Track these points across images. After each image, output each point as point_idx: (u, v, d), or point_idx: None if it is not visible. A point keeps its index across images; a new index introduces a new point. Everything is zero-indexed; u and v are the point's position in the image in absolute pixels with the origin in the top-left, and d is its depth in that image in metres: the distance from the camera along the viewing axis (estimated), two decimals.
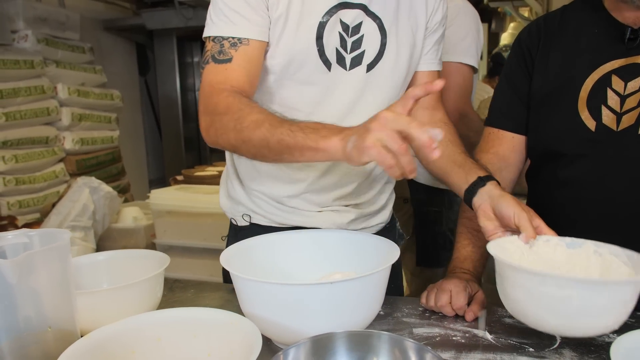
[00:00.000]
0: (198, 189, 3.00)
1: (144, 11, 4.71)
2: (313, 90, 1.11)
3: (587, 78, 1.07)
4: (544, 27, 1.17)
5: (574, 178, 1.09)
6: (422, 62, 1.23)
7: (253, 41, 1.06)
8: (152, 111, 5.49)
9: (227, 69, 1.05)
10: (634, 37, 1.03)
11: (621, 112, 1.03)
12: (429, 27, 1.21)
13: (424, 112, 1.24)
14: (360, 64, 1.12)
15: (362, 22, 1.11)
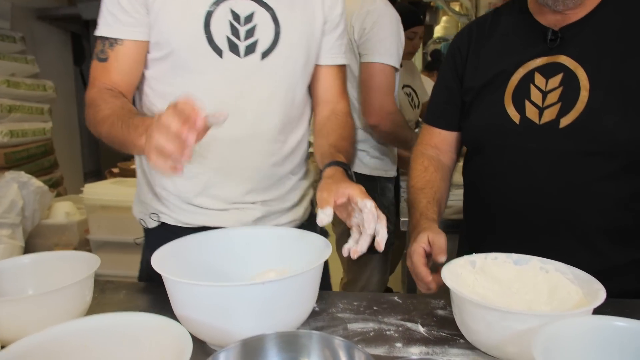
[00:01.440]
0: (133, 182, 2.91)
1: (80, 1, 4.52)
2: (206, 78, 1.14)
3: (513, 74, 1.14)
4: (475, 30, 1.26)
5: (501, 169, 1.16)
6: (327, 57, 1.28)
7: (127, 41, 1.14)
8: None
9: (104, 67, 1.16)
10: (554, 38, 1.11)
11: (543, 106, 1.10)
12: (329, 20, 1.25)
13: (325, 105, 1.30)
14: (254, 52, 1.15)
15: (255, 12, 1.15)
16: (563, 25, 1.11)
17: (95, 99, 1.12)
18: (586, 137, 1.05)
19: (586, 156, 1.06)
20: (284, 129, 1.22)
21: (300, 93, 1.24)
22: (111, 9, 1.13)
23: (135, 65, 1.17)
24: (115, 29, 1.14)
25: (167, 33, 1.13)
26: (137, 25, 1.14)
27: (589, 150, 1.05)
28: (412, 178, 1.27)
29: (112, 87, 1.15)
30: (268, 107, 1.18)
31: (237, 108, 1.15)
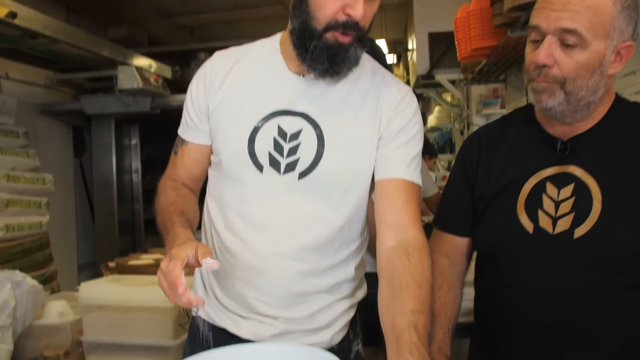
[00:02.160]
0: (132, 280, 2.86)
1: (84, 97, 4.66)
2: (244, 189, 1.19)
3: (524, 184, 1.14)
4: (485, 138, 1.27)
5: (514, 279, 1.14)
6: (381, 171, 1.19)
7: (191, 144, 1.29)
8: (86, 193, 5.32)
9: (175, 161, 1.33)
10: (564, 148, 1.13)
11: (556, 216, 1.09)
12: (384, 136, 1.19)
13: (389, 230, 1.16)
14: (293, 170, 1.16)
15: (302, 130, 1.16)
16: (572, 135, 1.13)
17: (160, 189, 1.29)
18: (601, 249, 1.05)
19: (602, 268, 1.05)
20: (317, 250, 1.18)
21: (342, 217, 1.19)
22: (184, 112, 1.29)
23: (197, 165, 1.31)
24: (184, 132, 1.30)
25: (219, 142, 1.22)
26: (199, 131, 1.27)
27: (605, 261, 1.05)
28: None
29: (177, 178, 1.31)
30: (299, 226, 1.17)
31: (268, 223, 1.18)
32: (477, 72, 2.88)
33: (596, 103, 1.11)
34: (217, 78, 1.22)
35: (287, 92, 1.19)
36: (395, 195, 1.17)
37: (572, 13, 1.02)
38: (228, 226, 1.21)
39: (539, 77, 1.08)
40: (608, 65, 1.06)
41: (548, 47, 1.05)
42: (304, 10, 1.10)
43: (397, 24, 5.87)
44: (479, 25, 2.51)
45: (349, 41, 1.10)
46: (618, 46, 1.06)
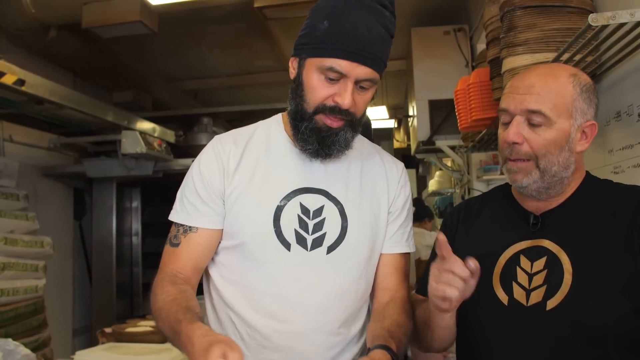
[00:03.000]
0: (129, 348, 2.79)
1: (87, 160, 4.70)
2: (273, 269, 1.18)
3: (500, 256, 1.19)
4: (464, 210, 1.34)
5: (488, 349, 1.16)
6: (388, 246, 1.31)
7: (202, 230, 1.22)
8: (84, 255, 5.27)
9: (175, 252, 1.23)
10: (536, 222, 1.18)
11: (529, 288, 1.13)
12: (392, 211, 1.30)
13: (385, 292, 1.30)
14: (321, 245, 1.19)
15: (324, 206, 1.21)
16: (544, 210, 1.19)
17: (156, 286, 1.19)
18: (573, 320, 1.07)
19: (574, 340, 1.06)
20: (347, 321, 1.23)
21: (363, 285, 1.26)
22: (190, 198, 1.23)
23: (205, 253, 1.24)
24: (193, 218, 1.22)
25: (239, 225, 1.20)
26: (213, 215, 1.22)
27: (576, 333, 1.06)
28: None
29: (179, 272, 1.21)
30: (332, 301, 1.20)
31: (301, 300, 1.18)
32: (477, 140, 2.92)
33: (569, 179, 1.17)
34: (231, 161, 1.23)
35: (303, 170, 1.23)
36: (394, 267, 1.32)
37: (536, 96, 1.11)
38: (257, 309, 1.19)
39: (511, 155, 1.16)
40: (575, 142, 1.14)
41: (517, 126, 1.13)
42: (300, 93, 1.18)
43: (398, 90, 6.00)
44: (479, 97, 2.55)
45: (338, 126, 1.16)
46: (582, 125, 1.14)
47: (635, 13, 1.31)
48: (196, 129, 5.28)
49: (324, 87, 1.14)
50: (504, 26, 1.86)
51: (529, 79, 1.14)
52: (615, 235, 1.10)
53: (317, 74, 1.14)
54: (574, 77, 1.14)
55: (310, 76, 1.15)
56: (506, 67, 1.87)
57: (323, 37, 1.13)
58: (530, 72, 1.17)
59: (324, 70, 1.13)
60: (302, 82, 1.17)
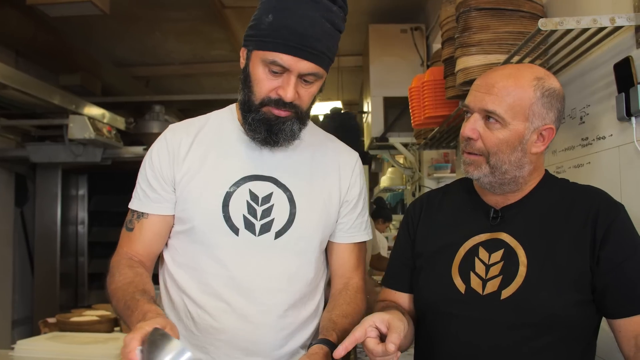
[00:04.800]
0: (74, 337, 2.72)
1: (30, 144, 4.53)
2: (222, 253, 1.22)
3: (460, 247, 1.24)
4: (426, 203, 1.38)
5: (446, 335, 1.20)
6: (345, 236, 1.36)
7: (152, 215, 1.27)
8: (26, 244, 5.09)
9: (129, 236, 1.29)
10: (496, 216, 1.23)
11: (486, 278, 1.18)
12: (348, 200, 1.34)
13: (340, 279, 1.36)
14: (269, 231, 1.23)
15: (273, 193, 1.24)
16: (503, 205, 1.24)
17: (112, 267, 1.24)
18: (524, 309, 1.13)
19: (524, 327, 1.13)
20: (296, 304, 1.26)
21: (312, 270, 1.30)
22: (142, 185, 1.29)
23: (157, 237, 1.29)
24: (143, 204, 1.28)
25: (189, 210, 1.23)
26: (163, 202, 1.27)
27: (527, 321, 1.13)
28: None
29: (133, 256, 1.27)
30: (280, 284, 1.24)
31: (250, 283, 1.22)
32: (429, 138, 2.99)
33: (524, 178, 1.21)
34: (182, 148, 1.27)
35: (253, 158, 1.27)
36: (350, 256, 1.38)
37: (494, 97, 1.15)
38: (206, 291, 1.23)
39: (466, 149, 1.20)
40: (530, 144, 1.17)
41: (473, 123, 1.18)
42: (247, 84, 1.22)
43: (354, 86, 6.04)
44: (432, 95, 2.61)
45: (285, 115, 1.20)
46: (539, 128, 1.17)
47: (581, 20, 1.37)
48: (147, 117, 5.17)
49: (268, 79, 1.18)
50: (458, 26, 1.91)
51: (492, 79, 1.18)
52: (568, 232, 1.16)
53: (261, 66, 1.17)
54: (537, 81, 1.17)
55: (255, 68, 1.19)
56: (460, 66, 1.93)
57: (267, 31, 1.15)
58: (496, 71, 1.21)
59: (268, 64, 1.16)
60: (249, 74, 1.21)
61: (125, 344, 0.94)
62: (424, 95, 2.68)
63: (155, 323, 0.97)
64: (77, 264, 5.60)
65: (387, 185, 6.06)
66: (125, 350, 0.93)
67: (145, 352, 0.92)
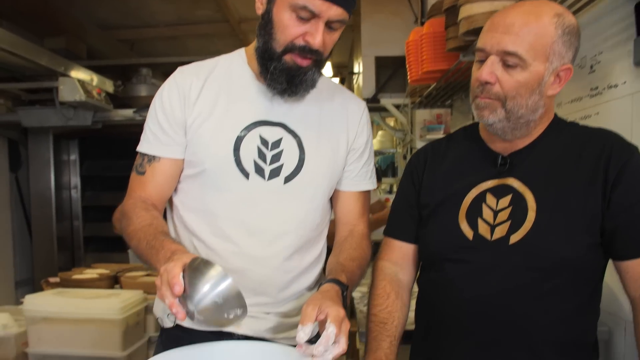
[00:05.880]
0: (77, 292, 2.84)
1: (21, 108, 4.53)
2: (232, 196, 1.24)
3: (466, 194, 1.23)
4: (430, 152, 1.36)
5: (454, 282, 1.22)
6: (351, 184, 1.37)
7: (164, 159, 1.28)
8: (22, 209, 5.16)
9: (141, 180, 1.29)
10: (504, 163, 1.22)
11: (494, 224, 1.18)
12: (353, 149, 1.35)
13: (345, 226, 1.39)
14: (278, 175, 1.25)
15: (282, 138, 1.26)
16: (511, 151, 1.22)
17: (129, 211, 1.23)
18: (533, 254, 1.13)
19: (533, 271, 1.14)
20: (302, 248, 1.30)
21: (319, 215, 1.33)
22: (153, 128, 1.27)
23: (169, 180, 1.29)
24: (154, 147, 1.27)
25: (200, 154, 1.24)
26: (174, 145, 1.26)
27: (536, 265, 1.13)
28: (374, 306, 1.30)
29: (147, 199, 1.26)
30: (288, 228, 1.27)
31: (258, 227, 1.25)
32: (425, 95, 2.90)
33: (535, 122, 1.18)
34: (193, 92, 1.26)
35: (263, 104, 1.27)
36: (355, 204, 1.40)
37: (514, 36, 1.10)
38: (217, 233, 1.26)
39: (481, 94, 1.16)
40: (547, 86, 1.14)
41: (490, 66, 1.13)
42: (268, 31, 1.18)
43: (343, 48, 5.95)
44: (432, 48, 2.52)
45: (307, 64, 1.19)
46: (558, 69, 1.13)
47: None
48: (135, 80, 5.15)
49: (294, 25, 1.15)
50: None
51: (510, 17, 1.12)
52: (579, 175, 1.15)
53: (289, 11, 1.14)
54: (558, 18, 1.11)
55: (281, 13, 1.15)
56: (463, 14, 1.87)
57: None
58: (513, 9, 1.14)
59: (297, 9, 1.13)
60: (271, 20, 1.17)
61: (168, 271, 0.96)
62: (423, 49, 2.60)
63: (191, 256, 1.00)
64: (73, 227, 5.67)
65: (378, 149, 5.93)
66: (169, 276, 0.94)
67: (187, 278, 0.95)
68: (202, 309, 0.96)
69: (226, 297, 0.96)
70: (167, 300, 0.95)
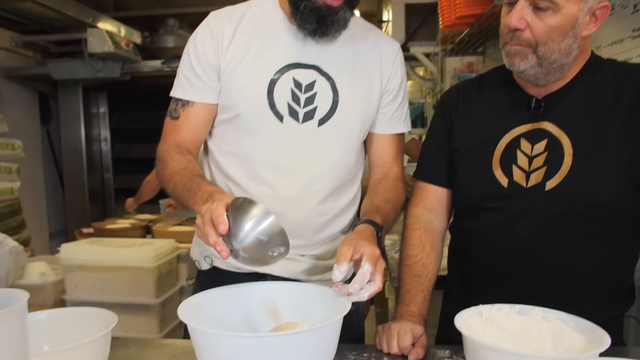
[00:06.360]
0: (111, 242, 2.89)
1: (50, 61, 4.54)
2: (266, 140, 1.24)
3: (500, 140, 1.19)
4: (462, 91, 1.31)
5: (489, 230, 1.19)
6: (385, 127, 1.36)
7: (197, 104, 1.28)
8: (54, 161, 5.24)
9: (175, 125, 1.29)
10: (538, 106, 1.17)
11: (529, 170, 1.14)
12: (388, 90, 1.33)
13: (379, 169, 1.37)
14: (312, 118, 1.24)
15: (316, 81, 1.24)
16: (545, 94, 1.17)
17: (164, 155, 1.25)
18: (570, 199, 1.10)
19: (570, 217, 1.11)
20: (336, 191, 1.29)
21: (353, 158, 1.32)
22: (186, 73, 1.27)
23: (203, 126, 1.30)
24: (188, 92, 1.27)
25: (234, 97, 1.23)
26: (208, 90, 1.26)
27: (573, 211, 1.10)
28: (409, 257, 1.28)
29: (181, 143, 1.27)
30: (322, 170, 1.26)
31: (293, 169, 1.24)
32: (457, 42, 2.88)
33: (569, 64, 1.13)
34: (225, 36, 1.25)
35: (296, 46, 1.25)
36: (389, 147, 1.38)
37: None
38: (252, 177, 1.26)
39: (512, 41, 1.10)
40: (582, 27, 1.08)
41: (520, 11, 1.07)
42: None
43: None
44: None
45: (337, 4, 1.17)
46: (593, 7, 1.07)
47: None
48: (162, 32, 5.12)
49: None
50: None
51: None
52: (617, 116, 1.09)
53: None
54: None
55: None
56: None
57: None
58: None
59: None
60: None
61: (211, 210, 0.96)
62: None
63: (231, 196, 1.00)
64: (103, 180, 5.75)
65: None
66: (214, 215, 0.95)
67: (231, 217, 0.96)
68: (246, 246, 0.96)
69: (270, 235, 0.97)
70: (211, 239, 0.95)
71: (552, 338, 0.99)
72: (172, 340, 1.21)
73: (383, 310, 3.47)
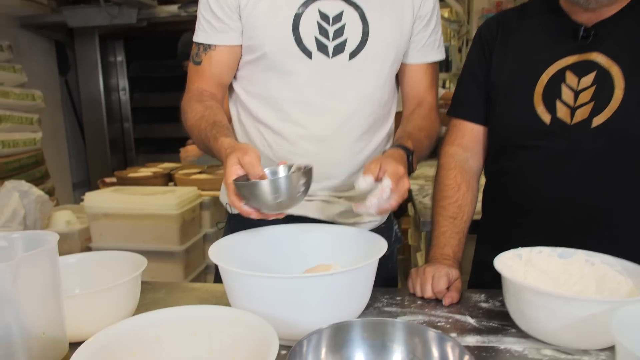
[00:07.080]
0: (134, 190, 2.90)
1: (66, 8, 4.46)
2: (295, 78, 1.18)
3: (542, 74, 1.11)
4: (502, 22, 1.22)
5: (530, 169, 1.14)
6: (418, 56, 1.29)
7: (220, 47, 1.23)
8: (74, 112, 5.24)
9: (198, 70, 1.26)
10: (586, 35, 1.08)
11: (575, 106, 1.07)
12: (420, 16, 1.25)
13: (413, 100, 1.32)
14: (342, 52, 1.17)
15: (343, 12, 1.17)
16: (596, 22, 1.08)
17: (185, 105, 1.23)
18: (619, 137, 1.03)
19: (619, 157, 1.05)
20: (371, 127, 1.24)
21: (387, 91, 1.26)
22: (206, 15, 1.22)
23: (227, 69, 1.25)
24: (209, 35, 1.22)
25: (258, 37, 1.17)
26: (230, 31, 1.21)
27: (622, 149, 1.04)
28: (444, 198, 1.23)
29: (204, 90, 1.24)
30: (356, 107, 1.20)
31: (326, 107, 1.19)
32: None
33: None
34: None
35: None
36: (423, 76, 1.31)
37: None
38: (283, 118, 1.21)
39: None
40: None
41: None
42: None
43: None
44: None
45: None
46: None
47: None
48: None
49: None
50: None
51: None
52: None
53: None
54: None
55: None
56: None
57: None
58: None
59: None
60: None
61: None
62: None
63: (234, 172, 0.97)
64: (123, 129, 5.75)
65: None
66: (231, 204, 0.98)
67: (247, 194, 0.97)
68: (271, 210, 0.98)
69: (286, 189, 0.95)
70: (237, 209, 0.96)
71: (595, 281, 0.95)
72: (200, 284, 1.21)
73: (406, 258, 3.47)
